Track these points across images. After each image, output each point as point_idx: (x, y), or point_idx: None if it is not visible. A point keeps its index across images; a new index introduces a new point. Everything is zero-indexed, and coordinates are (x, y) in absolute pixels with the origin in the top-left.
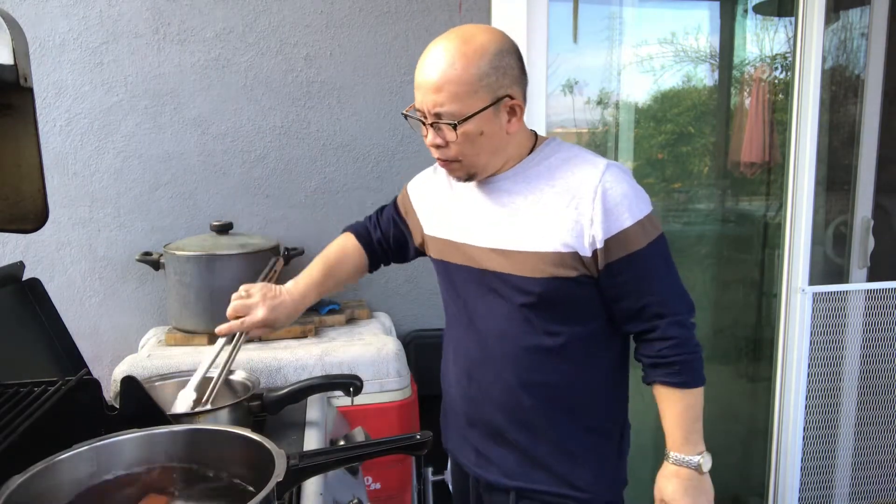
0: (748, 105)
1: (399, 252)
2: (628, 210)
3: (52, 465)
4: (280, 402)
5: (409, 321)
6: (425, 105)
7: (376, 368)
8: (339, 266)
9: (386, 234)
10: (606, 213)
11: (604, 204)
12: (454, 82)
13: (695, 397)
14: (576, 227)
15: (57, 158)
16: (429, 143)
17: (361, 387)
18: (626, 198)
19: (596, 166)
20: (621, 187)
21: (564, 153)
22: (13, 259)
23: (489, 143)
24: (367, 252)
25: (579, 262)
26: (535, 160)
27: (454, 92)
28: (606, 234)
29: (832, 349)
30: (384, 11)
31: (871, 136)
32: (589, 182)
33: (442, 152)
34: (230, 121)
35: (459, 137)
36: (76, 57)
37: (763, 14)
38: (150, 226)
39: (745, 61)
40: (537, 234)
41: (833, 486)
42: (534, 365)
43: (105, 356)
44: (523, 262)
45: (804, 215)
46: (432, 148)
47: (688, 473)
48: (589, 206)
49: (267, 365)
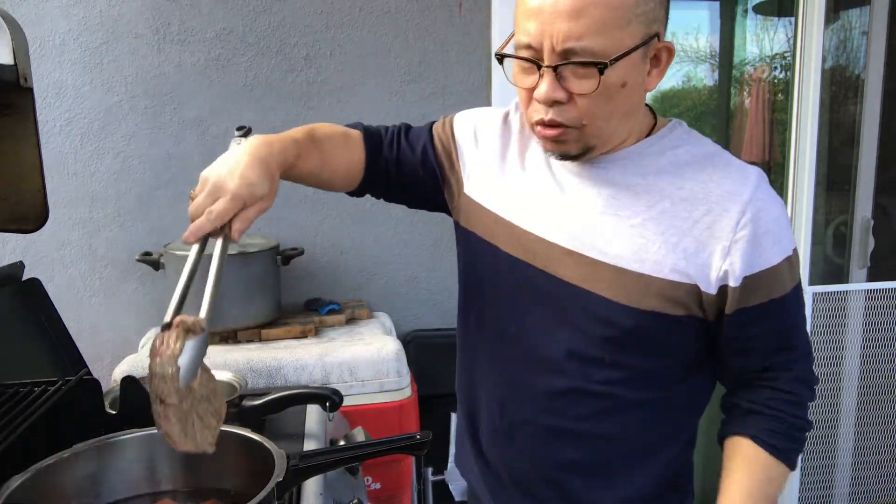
0: (748, 105)
1: (404, 190)
2: (780, 241)
3: (53, 465)
4: (256, 412)
5: (409, 321)
6: (549, 37)
7: (376, 368)
8: (329, 141)
9: (400, 160)
10: (754, 241)
11: (754, 229)
12: (603, 5)
13: (781, 477)
14: (702, 253)
15: (57, 158)
16: (541, 95)
17: (340, 402)
18: (778, 224)
19: (746, 175)
20: (776, 209)
21: (698, 146)
22: (13, 259)
23: (627, 101)
24: (367, 158)
25: (696, 299)
26: (655, 146)
27: (601, 19)
28: (748, 270)
29: (832, 349)
30: (384, 11)
31: (871, 136)
32: (736, 195)
33: (560, 111)
34: (230, 121)
35: (599, 88)
36: (76, 57)
37: (763, 14)
38: (150, 226)
39: (745, 61)
40: (647, 249)
41: (833, 486)
42: (587, 412)
43: (105, 356)
44: (620, 283)
45: (804, 215)
46: (539, 107)
47: None
48: (730, 229)
49: (266, 365)
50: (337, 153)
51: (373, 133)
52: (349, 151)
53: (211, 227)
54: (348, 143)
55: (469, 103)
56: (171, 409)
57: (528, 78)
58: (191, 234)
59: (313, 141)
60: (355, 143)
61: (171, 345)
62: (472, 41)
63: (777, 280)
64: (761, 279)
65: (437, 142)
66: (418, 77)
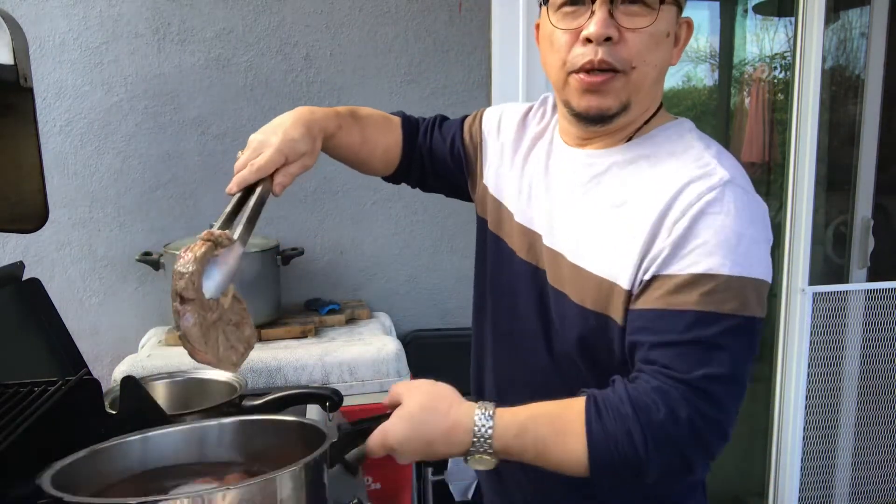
0: (748, 105)
1: (438, 178)
2: (713, 255)
3: (95, 453)
4: (256, 412)
5: (409, 321)
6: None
7: (376, 368)
8: (370, 120)
9: (433, 148)
10: (681, 242)
11: (688, 228)
12: None
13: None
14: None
15: (57, 158)
16: (594, 32)
17: (340, 402)
18: (718, 237)
19: (709, 175)
20: (735, 221)
21: (685, 142)
22: (13, 259)
23: (665, 57)
24: (403, 143)
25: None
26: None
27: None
28: (659, 270)
29: (832, 349)
30: (384, 11)
31: (871, 136)
32: (691, 189)
33: (611, 51)
34: (230, 121)
35: (652, 27)
36: (76, 57)
37: (763, 14)
38: (150, 226)
39: (745, 61)
40: (601, 248)
41: (833, 486)
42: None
43: (105, 356)
44: (578, 282)
45: (804, 215)
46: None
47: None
48: (672, 220)
49: (266, 365)
50: (376, 134)
51: (411, 121)
52: (388, 134)
53: (254, 177)
54: (388, 126)
55: (469, 103)
56: (190, 306)
57: (575, 20)
58: (234, 184)
59: (354, 117)
60: (394, 127)
61: (194, 249)
62: (472, 41)
63: (686, 292)
64: (665, 283)
65: (466, 133)
66: (418, 77)
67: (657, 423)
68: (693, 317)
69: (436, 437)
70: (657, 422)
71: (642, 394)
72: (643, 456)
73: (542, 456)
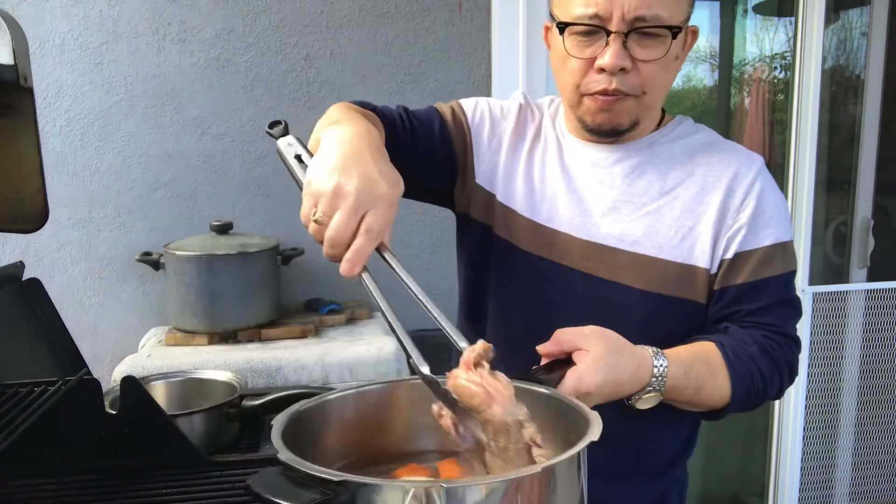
0: (748, 105)
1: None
2: (777, 225)
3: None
4: (256, 412)
5: (409, 321)
6: (620, 5)
7: (376, 368)
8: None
9: (414, 137)
10: (753, 220)
11: (755, 208)
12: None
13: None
14: (713, 235)
15: (57, 158)
16: (608, 63)
17: None
18: (778, 210)
19: (751, 159)
20: (776, 195)
21: (705, 135)
22: (13, 259)
23: (673, 75)
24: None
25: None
26: (667, 136)
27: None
28: (740, 248)
29: (832, 349)
30: (384, 11)
31: (871, 136)
32: (742, 177)
33: (624, 80)
34: (230, 121)
35: (666, 57)
36: (76, 57)
37: (763, 14)
38: (150, 226)
39: (745, 61)
40: (664, 235)
41: (833, 486)
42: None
43: (105, 356)
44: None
45: (804, 215)
46: (601, 77)
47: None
48: (734, 209)
49: (267, 365)
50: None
51: (380, 112)
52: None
53: (373, 245)
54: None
55: None
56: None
57: (588, 48)
58: (352, 264)
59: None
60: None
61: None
62: (472, 41)
63: (768, 262)
64: (750, 258)
65: (450, 121)
66: (418, 77)
67: (772, 361)
68: (778, 281)
69: (626, 377)
70: (773, 359)
71: (760, 338)
72: (767, 386)
73: (699, 392)
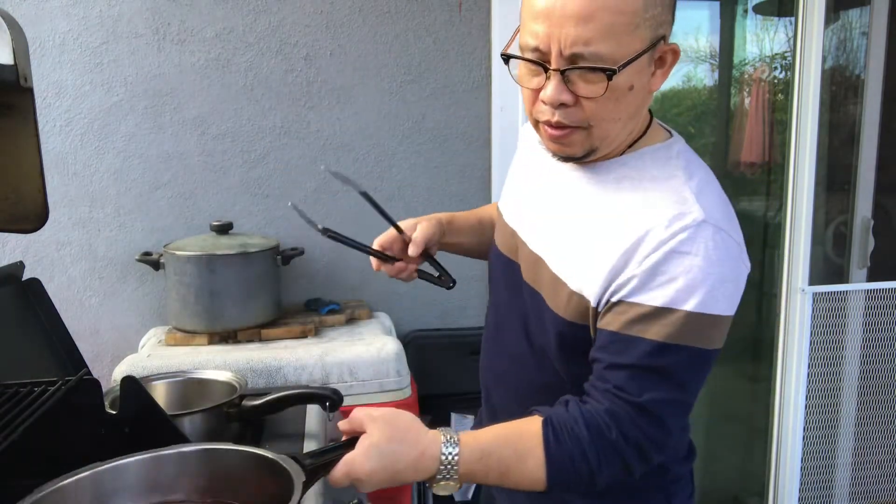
0: (748, 105)
1: None
2: (680, 290)
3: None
4: (256, 412)
5: (409, 321)
6: (557, 41)
7: (376, 368)
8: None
9: None
10: (651, 274)
11: (658, 264)
12: (612, 10)
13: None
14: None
15: (57, 158)
16: (548, 97)
17: (340, 402)
18: (693, 276)
19: (684, 214)
20: (705, 261)
21: (669, 169)
22: (13, 259)
23: (633, 103)
24: None
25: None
26: (628, 165)
27: (610, 24)
28: (626, 296)
29: (832, 349)
30: (384, 11)
31: (871, 136)
32: (664, 225)
33: (566, 114)
34: (230, 121)
35: (607, 92)
36: (76, 57)
37: (763, 14)
38: (150, 226)
39: (745, 61)
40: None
41: (833, 486)
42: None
43: (105, 356)
44: (553, 287)
45: (804, 215)
46: (545, 109)
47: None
48: (644, 253)
49: (267, 365)
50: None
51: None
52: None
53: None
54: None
55: (469, 103)
56: None
57: (534, 79)
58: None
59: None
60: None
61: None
62: (472, 41)
63: (647, 322)
64: (629, 310)
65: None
66: (418, 77)
67: (609, 443)
68: (650, 346)
69: (404, 467)
70: (609, 441)
71: (595, 415)
72: (595, 471)
73: (504, 477)
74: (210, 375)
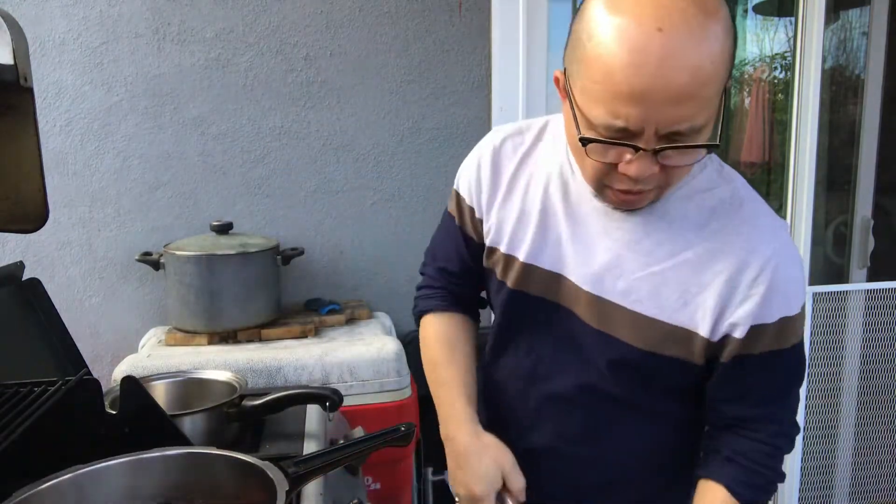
0: (748, 105)
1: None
2: (789, 300)
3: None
4: (256, 412)
5: (409, 321)
6: (654, 123)
7: (376, 368)
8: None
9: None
10: (767, 296)
11: (769, 285)
12: (711, 81)
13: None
14: (718, 305)
15: (57, 158)
16: (635, 173)
17: (340, 402)
18: (793, 284)
19: (773, 230)
20: (794, 269)
21: (727, 190)
22: (13, 259)
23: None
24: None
25: (702, 348)
26: (685, 189)
27: (708, 96)
28: (756, 321)
29: (832, 349)
30: (384, 11)
31: (871, 136)
32: (759, 251)
33: (648, 182)
34: (230, 121)
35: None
36: (76, 57)
37: (763, 14)
38: (150, 226)
39: (745, 61)
40: (667, 297)
41: (833, 486)
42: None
43: (105, 356)
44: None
45: (804, 215)
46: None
47: None
48: (747, 284)
49: (267, 365)
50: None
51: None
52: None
53: None
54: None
55: (469, 103)
56: None
57: (611, 152)
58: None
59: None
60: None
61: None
62: (472, 41)
63: (781, 334)
64: (764, 332)
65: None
66: (418, 77)
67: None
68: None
69: None
70: (780, 470)
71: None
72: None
73: None
74: (210, 375)
